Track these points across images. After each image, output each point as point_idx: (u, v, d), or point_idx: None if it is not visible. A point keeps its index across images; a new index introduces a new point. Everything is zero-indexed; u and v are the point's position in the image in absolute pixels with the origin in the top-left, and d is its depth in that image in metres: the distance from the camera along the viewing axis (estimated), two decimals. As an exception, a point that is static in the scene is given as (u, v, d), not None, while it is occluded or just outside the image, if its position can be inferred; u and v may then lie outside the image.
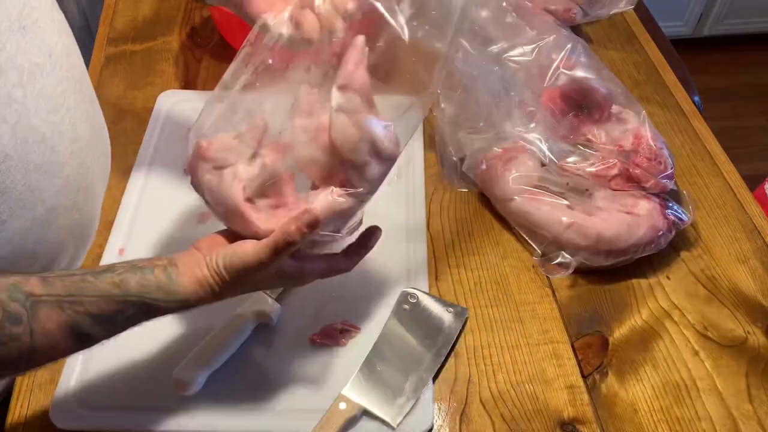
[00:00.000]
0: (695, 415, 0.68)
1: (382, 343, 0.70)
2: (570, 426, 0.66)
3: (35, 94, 0.52)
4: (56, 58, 0.56)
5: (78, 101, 0.59)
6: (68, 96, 0.57)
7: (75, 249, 0.64)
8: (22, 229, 0.53)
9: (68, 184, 0.58)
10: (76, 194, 0.59)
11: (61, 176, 0.56)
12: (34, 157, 0.52)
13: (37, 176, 0.53)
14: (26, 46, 0.52)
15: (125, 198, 0.83)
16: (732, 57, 2.52)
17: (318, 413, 0.64)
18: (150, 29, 1.10)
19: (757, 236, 0.84)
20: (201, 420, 0.65)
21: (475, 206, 0.86)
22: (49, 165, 0.54)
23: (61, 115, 0.55)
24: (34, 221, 0.54)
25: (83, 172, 0.60)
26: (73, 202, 0.59)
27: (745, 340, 0.74)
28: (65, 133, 0.56)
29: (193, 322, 0.71)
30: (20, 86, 0.51)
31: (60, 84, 0.56)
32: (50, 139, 0.54)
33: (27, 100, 0.51)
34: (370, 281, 0.76)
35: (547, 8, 1.07)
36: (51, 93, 0.54)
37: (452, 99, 0.89)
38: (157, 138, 0.91)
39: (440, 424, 0.66)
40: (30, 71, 0.52)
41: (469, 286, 0.77)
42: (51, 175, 0.55)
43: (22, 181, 0.52)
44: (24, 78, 0.51)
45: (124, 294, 0.52)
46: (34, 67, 0.52)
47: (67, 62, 0.58)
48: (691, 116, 0.99)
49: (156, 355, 0.68)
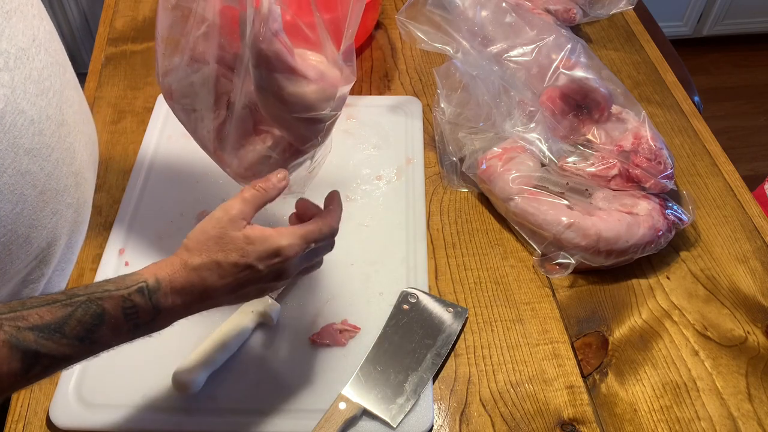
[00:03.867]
0: (695, 415, 0.68)
1: (382, 343, 0.71)
2: (570, 426, 0.66)
3: (22, 78, 0.52)
4: (40, 42, 0.56)
5: (63, 86, 0.59)
6: (54, 80, 0.57)
7: (69, 234, 0.64)
8: (14, 213, 0.54)
9: (58, 168, 0.58)
10: (67, 179, 0.60)
11: (50, 160, 0.56)
12: (23, 141, 0.53)
13: (26, 160, 0.53)
14: (11, 31, 0.52)
15: (125, 198, 0.83)
16: (732, 57, 2.52)
17: (318, 413, 0.64)
18: (150, 29, 1.10)
19: (757, 236, 0.84)
20: (201, 420, 0.65)
21: (475, 206, 0.86)
22: (38, 149, 0.55)
23: (47, 99, 0.56)
24: (26, 205, 0.54)
25: (72, 157, 0.60)
26: (64, 186, 0.59)
27: (745, 340, 0.74)
28: (52, 117, 0.56)
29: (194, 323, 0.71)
30: (7, 71, 0.51)
31: (45, 68, 0.56)
32: (38, 122, 0.54)
33: (15, 84, 0.51)
34: (370, 281, 0.76)
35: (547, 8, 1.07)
36: (37, 77, 0.55)
37: (452, 99, 0.89)
38: (157, 138, 0.91)
39: (440, 424, 0.66)
40: (16, 56, 0.52)
41: (469, 286, 0.77)
42: (40, 159, 0.55)
43: (12, 165, 0.52)
44: (11, 62, 0.51)
45: (70, 296, 0.48)
46: (20, 51, 0.53)
47: (51, 47, 0.59)
48: (691, 116, 0.99)
49: (156, 355, 0.68)
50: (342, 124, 0.94)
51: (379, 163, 0.89)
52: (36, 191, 0.55)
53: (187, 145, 0.90)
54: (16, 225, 0.55)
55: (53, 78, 0.57)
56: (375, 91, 1.01)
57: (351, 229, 0.82)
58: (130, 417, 0.64)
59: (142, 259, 0.77)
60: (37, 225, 0.57)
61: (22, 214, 0.55)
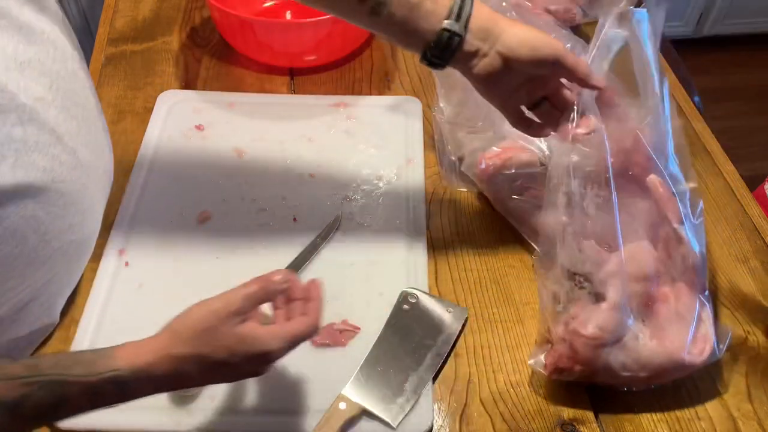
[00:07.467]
0: (695, 415, 0.68)
1: (382, 343, 0.70)
2: (570, 426, 0.66)
3: (35, 130, 0.51)
4: (57, 87, 0.55)
5: (80, 125, 0.58)
6: (69, 123, 0.56)
7: (69, 266, 0.63)
8: (12, 255, 0.53)
9: (65, 209, 0.57)
10: (73, 217, 0.59)
11: (58, 204, 0.55)
12: (32, 191, 0.52)
13: (33, 206, 0.52)
14: (25, 83, 0.51)
15: (125, 198, 0.83)
16: (732, 57, 2.52)
17: (318, 413, 0.64)
18: (150, 29, 1.10)
19: (757, 236, 0.84)
20: (201, 420, 0.65)
21: (474, 206, 0.86)
22: (47, 195, 0.54)
23: (61, 147, 0.55)
24: (25, 247, 0.53)
25: (82, 196, 0.59)
26: (69, 226, 0.58)
27: (745, 340, 0.74)
28: (65, 163, 0.55)
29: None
30: (20, 125, 0.50)
31: (61, 113, 0.55)
32: (50, 171, 0.53)
33: (27, 137, 0.50)
34: (370, 281, 0.76)
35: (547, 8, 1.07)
36: (53, 124, 0.54)
37: (451, 99, 0.89)
38: (157, 138, 0.91)
39: (440, 424, 0.66)
40: (32, 108, 0.51)
41: (469, 286, 0.77)
42: (48, 204, 0.54)
43: (16, 212, 0.51)
44: (24, 117, 0.50)
45: (31, 374, 0.46)
46: (36, 102, 0.52)
47: (70, 88, 0.57)
48: (691, 116, 0.99)
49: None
50: (342, 124, 0.94)
51: (379, 163, 0.89)
52: (38, 234, 0.54)
53: (187, 145, 0.90)
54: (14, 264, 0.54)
55: (69, 122, 0.56)
56: (375, 91, 1.01)
57: (351, 229, 0.82)
58: (130, 417, 0.64)
59: (142, 259, 0.77)
60: (35, 262, 0.56)
61: (21, 255, 0.53)
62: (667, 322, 0.66)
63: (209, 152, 0.90)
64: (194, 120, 0.93)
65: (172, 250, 0.79)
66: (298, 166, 0.88)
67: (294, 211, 0.83)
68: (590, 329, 0.64)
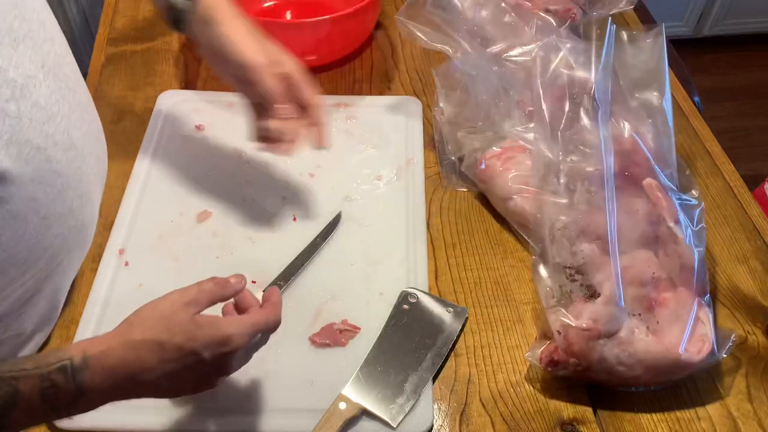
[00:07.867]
0: (695, 415, 0.68)
1: (382, 343, 0.70)
2: (570, 426, 0.66)
3: (29, 106, 0.52)
4: (49, 68, 0.55)
5: (72, 108, 0.59)
6: (62, 104, 0.57)
7: (70, 255, 0.63)
8: (15, 239, 0.53)
9: (63, 192, 0.57)
10: (72, 201, 0.59)
11: (56, 186, 0.56)
12: (28, 169, 0.52)
13: (31, 187, 0.52)
14: (18, 59, 0.51)
15: (125, 198, 0.83)
16: (732, 57, 2.52)
17: (318, 413, 0.64)
18: (150, 29, 1.10)
19: (757, 236, 0.84)
20: (201, 420, 0.65)
21: (474, 206, 0.86)
22: (44, 176, 0.54)
23: (55, 125, 0.55)
24: (28, 230, 0.54)
25: (78, 179, 0.60)
26: (69, 210, 0.59)
27: (745, 340, 0.74)
28: (59, 143, 0.56)
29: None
30: (13, 100, 0.50)
31: (53, 94, 0.55)
32: (44, 150, 0.53)
33: (21, 113, 0.51)
34: (370, 281, 0.76)
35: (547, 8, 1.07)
36: (45, 103, 0.54)
37: (451, 99, 0.89)
38: (157, 138, 0.91)
39: (440, 424, 0.66)
40: (23, 84, 0.51)
41: (469, 286, 0.77)
42: (46, 185, 0.54)
43: (17, 194, 0.51)
44: (17, 92, 0.51)
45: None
46: (27, 80, 0.52)
47: (60, 71, 0.58)
48: (691, 116, 0.99)
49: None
50: (342, 124, 0.94)
51: (379, 163, 0.89)
52: (39, 216, 0.54)
53: (187, 145, 0.90)
54: (17, 250, 0.54)
55: (61, 103, 0.56)
56: (375, 91, 1.01)
57: (351, 229, 0.82)
58: (130, 417, 0.64)
59: (142, 259, 0.77)
60: (37, 248, 0.56)
61: (22, 239, 0.54)
62: (666, 321, 0.66)
63: (209, 152, 0.90)
64: (194, 120, 0.93)
65: (172, 249, 0.79)
66: (298, 166, 0.88)
67: (294, 211, 0.83)
68: (583, 320, 0.64)
